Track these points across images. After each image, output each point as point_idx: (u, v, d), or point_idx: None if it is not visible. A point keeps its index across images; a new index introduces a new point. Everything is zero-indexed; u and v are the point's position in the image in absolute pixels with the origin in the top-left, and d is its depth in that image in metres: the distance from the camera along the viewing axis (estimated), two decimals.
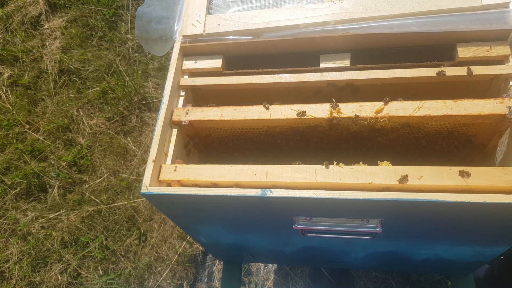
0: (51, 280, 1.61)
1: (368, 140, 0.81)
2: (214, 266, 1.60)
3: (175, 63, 0.87)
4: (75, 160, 1.86)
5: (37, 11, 2.32)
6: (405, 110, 0.72)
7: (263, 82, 0.84)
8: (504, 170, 0.64)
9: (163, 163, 0.78)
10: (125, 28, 2.21)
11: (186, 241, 1.63)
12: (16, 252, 1.68)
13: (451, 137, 0.79)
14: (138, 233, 1.66)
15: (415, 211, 0.66)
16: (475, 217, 0.67)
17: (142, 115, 1.97)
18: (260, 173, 0.71)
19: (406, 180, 0.65)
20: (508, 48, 0.76)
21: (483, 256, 0.94)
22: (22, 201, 1.80)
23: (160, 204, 0.79)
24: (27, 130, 1.98)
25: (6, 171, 1.88)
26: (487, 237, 0.79)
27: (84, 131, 1.95)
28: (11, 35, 2.28)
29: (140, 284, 1.58)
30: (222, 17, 0.90)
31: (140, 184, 0.74)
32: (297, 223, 0.76)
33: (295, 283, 1.51)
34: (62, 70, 2.14)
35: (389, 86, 0.80)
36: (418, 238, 0.85)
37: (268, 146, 0.88)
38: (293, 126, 0.80)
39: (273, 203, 0.69)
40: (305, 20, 0.85)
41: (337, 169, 0.68)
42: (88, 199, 1.76)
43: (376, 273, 1.49)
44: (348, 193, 0.64)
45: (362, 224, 0.73)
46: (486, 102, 0.70)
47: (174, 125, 0.83)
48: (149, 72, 2.08)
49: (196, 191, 0.69)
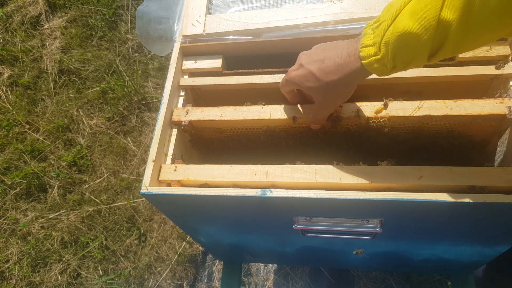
0: (51, 280, 1.61)
1: (368, 140, 0.81)
2: (214, 266, 1.60)
3: (174, 63, 0.87)
4: (75, 160, 1.86)
5: (37, 11, 2.32)
6: (405, 110, 0.72)
7: (263, 82, 0.85)
8: (504, 170, 0.64)
9: (163, 163, 0.78)
10: (125, 28, 2.21)
11: (186, 241, 1.63)
12: (16, 252, 1.68)
13: (451, 137, 0.79)
14: (138, 233, 1.67)
15: (415, 211, 0.66)
16: (475, 217, 0.67)
17: (142, 115, 1.97)
18: (260, 173, 0.71)
19: (406, 180, 0.65)
20: (508, 48, 0.76)
21: (483, 256, 0.94)
22: (22, 201, 1.80)
23: (160, 204, 0.79)
24: (27, 130, 1.98)
25: (6, 171, 1.88)
26: (487, 237, 0.79)
27: (84, 131, 1.95)
28: (11, 35, 2.28)
29: (140, 284, 1.58)
30: (222, 17, 0.90)
31: (140, 184, 0.74)
32: (297, 223, 0.76)
33: (295, 283, 1.51)
34: (62, 70, 2.14)
35: (389, 86, 0.80)
36: (418, 238, 0.85)
37: (268, 146, 0.87)
38: (293, 126, 0.80)
39: (273, 203, 0.69)
40: (305, 20, 0.85)
41: (337, 169, 0.68)
42: (88, 199, 1.76)
43: (376, 273, 1.49)
44: (348, 193, 0.64)
45: (362, 224, 0.73)
46: (486, 102, 0.70)
47: (174, 125, 0.83)
48: (149, 72, 2.08)
49: (196, 191, 0.69)
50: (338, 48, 0.62)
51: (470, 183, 0.63)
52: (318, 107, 0.71)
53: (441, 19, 0.49)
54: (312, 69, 0.64)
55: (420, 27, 0.50)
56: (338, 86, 0.63)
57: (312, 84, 0.65)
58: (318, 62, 0.63)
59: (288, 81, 0.70)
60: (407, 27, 0.51)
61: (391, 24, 0.53)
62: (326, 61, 0.62)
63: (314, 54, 0.65)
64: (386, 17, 0.54)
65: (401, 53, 0.53)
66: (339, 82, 0.62)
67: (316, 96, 0.68)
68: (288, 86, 0.72)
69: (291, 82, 0.69)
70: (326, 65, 0.62)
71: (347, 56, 0.60)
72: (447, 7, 0.48)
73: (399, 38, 0.52)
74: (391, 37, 0.53)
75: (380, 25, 0.54)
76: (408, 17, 0.51)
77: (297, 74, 0.67)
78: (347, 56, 0.60)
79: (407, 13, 0.51)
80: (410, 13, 0.51)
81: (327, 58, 0.62)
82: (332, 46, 0.64)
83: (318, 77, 0.63)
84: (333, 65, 0.61)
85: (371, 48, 0.55)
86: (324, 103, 0.69)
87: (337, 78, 0.61)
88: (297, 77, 0.67)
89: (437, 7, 0.48)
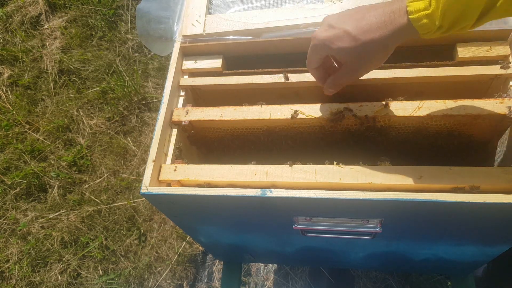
0: (51, 280, 1.61)
1: (368, 140, 0.81)
2: (214, 266, 1.60)
3: (175, 63, 0.88)
4: (75, 160, 1.86)
5: (37, 11, 2.32)
6: (405, 110, 0.72)
7: (263, 82, 0.84)
8: (504, 170, 0.64)
9: (163, 163, 0.78)
10: (125, 28, 2.21)
11: (186, 241, 1.63)
12: (16, 252, 1.68)
13: (451, 137, 0.79)
14: (138, 233, 1.67)
15: (415, 211, 0.66)
16: (475, 217, 0.67)
17: (142, 115, 1.97)
18: (260, 173, 0.71)
19: (406, 180, 0.65)
20: (508, 48, 0.76)
21: (483, 256, 0.94)
22: (22, 201, 1.80)
23: (160, 204, 0.79)
24: (27, 130, 1.98)
25: (6, 171, 1.88)
26: (487, 237, 0.79)
27: (84, 131, 1.95)
28: (11, 35, 2.28)
29: (140, 284, 1.58)
30: (222, 17, 0.90)
31: (140, 184, 0.74)
32: (297, 223, 0.76)
33: (295, 283, 1.51)
34: (62, 70, 2.14)
35: (389, 86, 0.80)
36: (418, 238, 0.85)
37: (268, 146, 0.88)
38: (293, 126, 0.80)
39: (273, 203, 0.69)
40: (305, 20, 0.85)
41: (337, 169, 0.68)
42: (88, 199, 1.76)
43: (376, 273, 1.49)
44: (348, 193, 0.64)
45: (362, 224, 0.73)
46: (486, 102, 0.70)
47: (174, 125, 0.83)
48: (149, 72, 2.08)
49: (196, 191, 0.69)
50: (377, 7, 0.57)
51: (470, 183, 0.63)
52: (346, 70, 0.63)
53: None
54: (347, 28, 0.58)
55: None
56: (376, 47, 0.58)
57: (347, 44, 0.58)
58: (356, 20, 0.58)
59: (316, 46, 0.63)
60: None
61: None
62: (366, 18, 0.57)
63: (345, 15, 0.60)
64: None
65: (452, 8, 0.50)
66: (380, 42, 0.57)
67: (347, 59, 0.61)
68: (317, 52, 0.64)
69: (320, 46, 0.62)
70: (366, 22, 0.57)
71: (391, 12, 0.55)
72: None
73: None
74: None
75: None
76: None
77: (327, 35, 0.60)
78: (391, 12, 0.55)
79: None
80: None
81: (367, 16, 0.57)
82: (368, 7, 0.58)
83: (355, 36, 0.57)
84: (375, 22, 0.56)
85: (421, 2, 0.52)
86: (355, 67, 0.62)
87: (378, 37, 0.56)
88: (328, 39, 0.60)
89: None
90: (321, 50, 0.63)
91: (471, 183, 0.63)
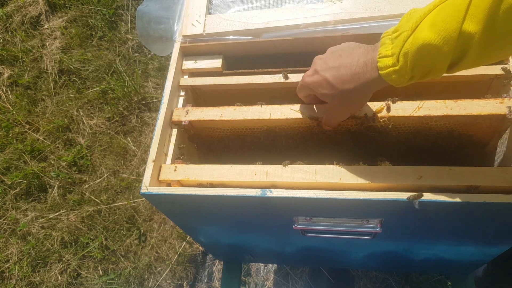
0: (51, 280, 1.61)
1: (368, 140, 0.81)
2: (214, 266, 1.60)
3: (175, 63, 0.88)
4: (75, 160, 1.86)
5: (37, 11, 2.32)
6: (405, 110, 0.72)
7: (263, 82, 0.85)
8: (504, 170, 0.64)
9: (163, 163, 0.78)
10: (125, 28, 2.21)
11: (186, 241, 1.63)
12: (16, 252, 1.68)
13: (451, 137, 0.79)
14: (138, 233, 1.67)
15: (415, 211, 0.66)
16: (475, 217, 0.67)
17: (142, 115, 1.97)
18: (260, 173, 0.71)
19: (406, 180, 0.65)
20: None
21: (483, 256, 0.94)
22: (22, 201, 1.80)
23: (160, 204, 0.79)
24: (27, 130, 1.98)
25: (6, 171, 1.88)
26: (487, 237, 0.79)
27: (84, 131, 1.95)
28: (11, 35, 2.28)
29: (140, 284, 1.58)
30: (222, 17, 0.90)
31: (140, 184, 0.74)
32: (297, 223, 0.76)
33: (295, 283, 1.51)
34: (62, 70, 2.14)
35: (389, 86, 0.80)
36: (418, 238, 0.85)
37: (268, 146, 0.88)
38: (293, 126, 0.80)
39: (273, 203, 0.69)
40: (305, 20, 0.85)
41: (337, 169, 0.68)
42: (88, 199, 1.76)
43: (376, 273, 1.49)
44: (348, 193, 0.64)
45: (362, 224, 0.73)
46: (486, 102, 0.70)
47: (174, 125, 0.83)
48: (149, 72, 2.08)
49: (196, 191, 0.69)
50: (354, 55, 0.61)
51: (470, 183, 0.63)
52: (332, 113, 0.70)
53: (463, 32, 0.47)
54: (327, 76, 0.63)
55: (440, 39, 0.49)
56: (353, 95, 0.62)
57: (327, 91, 0.64)
58: (334, 70, 0.62)
59: (303, 86, 0.70)
60: (427, 39, 0.49)
61: (411, 35, 0.52)
62: (341, 68, 0.61)
63: (329, 60, 0.64)
64: (406, 27, 0.52)
65: (420, 64, 0.52)
66: (355, 91, 0.61)
67: (330, 102, 0.67)
68: (304, 91, 0.72)
69: (306, 87, 0.69)
70: (341, 73, 0.61)
71: (363, 65, 0.58)
72: (469, 19, 0.47)
73: (419, 50, 0.51)
74: (410, 48, 0.51)
75: (399, 36, 0.53)
76: (429, 28, 0.50)
77: (312, 80, 0.66)
78: (363, 65, 0.58)
79: (427, 24, 0.50)
80: (430, 25, 0.50)
81: (343, 65, 0.61)
82: (348, 52, 0.62)
83: (333, 85, 0.62)
84: (349, 73, 0.60)
85: (389, 58, 0.54)
86: (338, 110, 0.68)
87: (353, 87, 0.60)
88: (312, 84, 0.66)
89: (458, 19, 0.47)
90: (308, 90, 0.71)
91: (471, 183, 0.63)
